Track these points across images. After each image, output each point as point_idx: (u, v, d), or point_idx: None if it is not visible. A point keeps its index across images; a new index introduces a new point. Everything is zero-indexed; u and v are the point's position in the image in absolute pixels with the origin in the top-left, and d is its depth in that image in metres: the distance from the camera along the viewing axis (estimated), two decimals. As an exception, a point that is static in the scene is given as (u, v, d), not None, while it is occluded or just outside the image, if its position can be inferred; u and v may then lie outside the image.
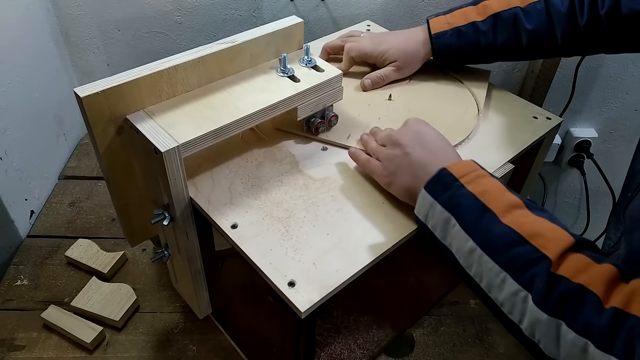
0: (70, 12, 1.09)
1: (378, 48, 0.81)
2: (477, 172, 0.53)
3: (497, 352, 0.80)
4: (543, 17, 0.72)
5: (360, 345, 0.77)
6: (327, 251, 0.55)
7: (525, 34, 0.73)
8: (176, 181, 0.56)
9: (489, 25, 0.75)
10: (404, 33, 0.82)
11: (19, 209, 0.95)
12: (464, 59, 0.81)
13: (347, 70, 0.83)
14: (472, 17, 0.76)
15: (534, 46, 0.75)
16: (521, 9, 0.73)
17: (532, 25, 0.73)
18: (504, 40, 0.75)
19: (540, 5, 0.72)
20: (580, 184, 1.44)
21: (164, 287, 0.86)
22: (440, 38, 0.77)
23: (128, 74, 0.57)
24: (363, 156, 0.64)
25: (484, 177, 0.53)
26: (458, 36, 0.76)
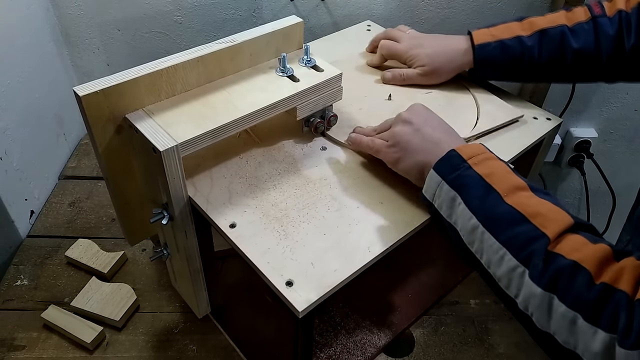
0: (70, 12, 1.09)
1: (410, 51, 0.80)
2: (485, 155, 0.55)
3: (497, 352, 0.79)
4: (591, 37, 0.71)
5: (359, 346, 0.77)
6: (325, 251, 0.55)
7: (571, 52, 0.72)
8: (175, 180, 0.56)
9: (534, 40, 0.73)
10: (444, 40, 0.80)
11: (19, 209, 0.95)
12: (504, 73, 0.78)
13: (377, 65, 0.84)
14: (518, 32, 0.74)
15: (578, 66, 0.73)
16: (568, 28, 0.72)
17: (579, 45, 0.71)
18: (548, 57, 0.73)
19: (589, 26, 0.71)
20: (580, 184, 1.44)
21: (164, 287, 0.86)
22: (484, 49, 0.75)
23: (127, 73, 0.57)
24: (365, 138, 0.65)
25: (491, 160, 0.55)
26: (502, 49, 0.74)
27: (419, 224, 0.59)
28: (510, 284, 0.48)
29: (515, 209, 0.49)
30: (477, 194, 0.52)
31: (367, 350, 0.77)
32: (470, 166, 0.54)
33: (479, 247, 0.51)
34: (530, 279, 0.46)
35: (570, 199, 1.50)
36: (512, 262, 0.47)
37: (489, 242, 0.50)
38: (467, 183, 0.53)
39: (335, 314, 0.81)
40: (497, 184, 0.52)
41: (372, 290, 0.85)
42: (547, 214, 0.48)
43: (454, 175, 0.54)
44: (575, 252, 0.45)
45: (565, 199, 1.50)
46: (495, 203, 0.50)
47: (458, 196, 0.53)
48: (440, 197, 0.55)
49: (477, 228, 0.51)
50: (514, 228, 0.48)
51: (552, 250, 0.45)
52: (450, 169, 0.55)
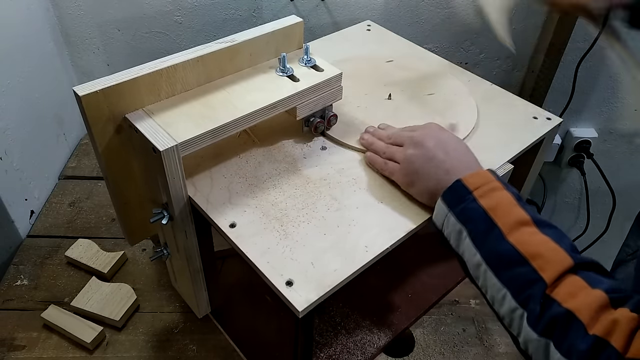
0: (70, 12, 1.09)
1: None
2: (490, 185, 0.54)
3: (497, 352, 0.79)
4: None
5: (359, 346, 0.77)
6: (325, 250, 0.55)
7: None
8: (175, 180, 0.56)
9: None
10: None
11: (19, 209, 0.95)
12: None
13: None
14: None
15: None
16: None
17: None
18: None
19: None
20: (580, 184, 1.44)
21: (164, 287, 0.86)
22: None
23: (127, 72, 0.57)
24: (380, 159, 0.64)
25: (496, 190, 0.54)
26: None
27: (419, 224, 0.59)
28: (512, 324, 0.49)
29: (516, 248, 0.49)
30: (481, 229, 0.52)
31: (367, 350, 0.77)
32: (475, 199, 0.53)
33: (483, 283, 0.52)
34: (527, 324, 0.47)
35: (570, 199, 1.50)
36: (512, 303, 0.48)
37: (491, 280, 0.51)
38: (471, 217, 0.53)
39: (335, 314, 0.81)
40: (500, 219, 0.51)
41: (372, 290, 0.85)
42: (546, 255, 0.48)
43: (460, 208, 0.54)
44: (571, 299, 0.45)
45: (565, 199, 1.50)
46: (497, 240, 0.51)
47: (464, 230, 0.53)
48: (448, 227, 0.56)
49: (480, 265, 0.52)
50: (514, 269, 0.49)
51: (549, 295, 0.46)
52: (456, 201, 0.54)
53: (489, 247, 0.51)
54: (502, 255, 0.50)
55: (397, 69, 0.86)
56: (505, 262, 0.50)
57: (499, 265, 0.50)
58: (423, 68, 0.86)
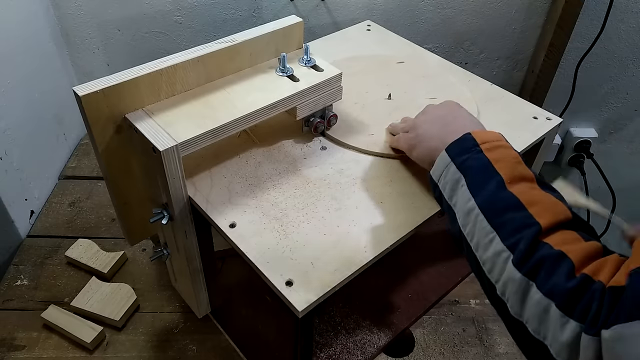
0: (70, 12, 1.09)
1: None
2: (499, 142, 0.54)
3: (497, 352, 0.79)
4: None
5: (359, 346, 0.77)
6: (325, 251, 0.55)
7: None
8: (175, 180, 0.56)
9: None
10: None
11: (19, 209, 0.95)
12: None
13: None
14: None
15: None
16: None
17: None
18: None
19: None
20: (580, 184, 1.44)
21: (164, 287, 0.86)
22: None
23: (127, 73, 0.57)
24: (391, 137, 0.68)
25: (504, 148, 0.54)
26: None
27: (419, 224, 0.59)
28: (494, 268, 0.47)
29: (515, 195, 0.48)
30: (481, 178, 0.51)
31: (367, 350, 0.77)
32: (481, 150, 0.53)
33: (471, 229, 0.50)
34: (512, 264, 0.45)
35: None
36: (499, 246, 0.46)
37: (481, 224, 0.49)
38: (473, 166, 0.52)
39: (335, 314, 0.81)
40: (503, 170, 0.51)
41: (372, 290, 0.85)
42: (545, 204, 0.47)
43: (464, 158, 0.53)
44: (564, 245, 0.44)
45: (566, 199, 1.50)
46: (497, 188, 0.49)
47: (463, 178, 0.52)
48: (445, 177, 0.55)
49: (473, 210, 0.50)
50: (509, 213, 0.47)
51: (540, 240, 0.45)
52: (460, 151, 0.54)
53: (486, 194, 0.50)
54: (499, 201, 0.49)
55: (399, 69, 0.86)
56: (500, 207, 0.48)
57: (493, 209, 0.49)
58: (425, 69, 0.86)
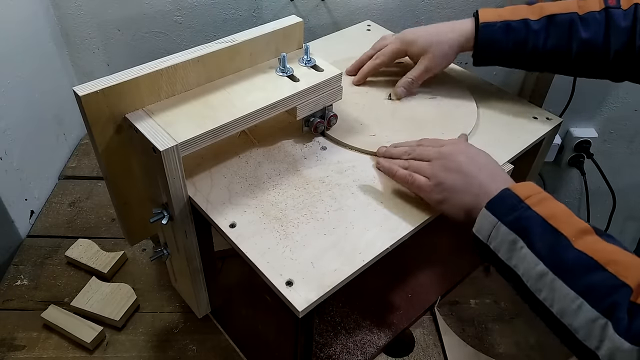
0: (70, 12, 1.09)
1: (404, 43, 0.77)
2: (541, 195, 0.52)
3: (497, 352, 0.79)
4: (601, 28, 0.67)
5: (359, 346, 0.77)
6: (325, 251, 0.55)
7: (578, 42, 0.68)
8: (175, 180, 0.56)
9: (541, 25, 0.70)
10: (437, 25, 0.77)
11: (19, 209, 0.95)
12: (506, 58, 0.74)
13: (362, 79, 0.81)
14: (525, 15, 0.71)
15: (583, 57, 0.69)
16: (579, 16, 0.68)
17: (587, 35, 0.68)
18: (553, 45, 0.70)
19: (600, 16, 0.67)
20: (580, 184, 1.44)
21: (164, 287, 0.86)
22: (488, 28, 0.71)
23: (127, 72, 0.57)
24: (402, 171, 0.62)
25: (549, 200, 0.52)
26: (507, 31, 0.71)
27: (419, 224, 0.59)
28: (590, 336, 0.45)
29: (588, 255, 0.46)
30: (543, 238, 0.49)
31: (367, 350, 0.77)
32: (529, 206, 0.51)
33: (548, 295, 0.48)
34: (615, 333, 0.43)
35: (570, 199, 1.50)
36: (592, 313, 0.44)
37: (562, 291, 0.47)
38: (529, 225, 0.50)
39: (335, 314, 0.81)
40: (562, 227, 0.49)
41: (372, 290, 0.85)
42: (622, 261, 0.45)
43: (514, 217, 0.51)
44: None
45: (565, 199, 1.50)
46: (565, 248, 0.47)
47: (519, 239, 0.50)
48: (497, 238, 0.52)
49: (545, 275, 0.48)
50: (589, 276, 0.45)
51: (636, 302, 0.43)
52: (507, 210, 0.52)
53: (555, 256, 0.48)
54: (574, 263, 0.47)
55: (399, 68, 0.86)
56: (578, 270, 0.46)
57: (570, 273, 0.46)
58: None
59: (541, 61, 0.72)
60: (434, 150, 0.61)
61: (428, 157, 0.61)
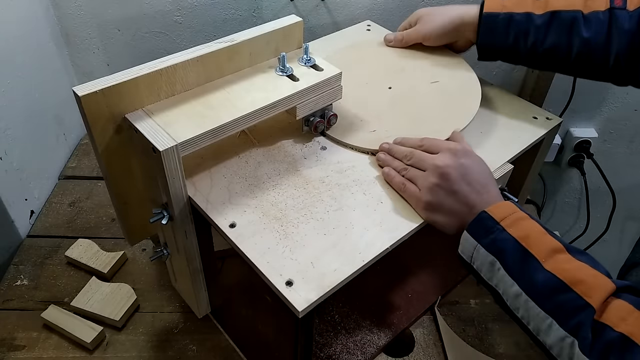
0: (70, 12, 1.09)
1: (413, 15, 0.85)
2: (516, 215, 0.54)
3: (497, 352, 0.79)
4: (603, 28, 0.67)
5: (359, 346, 0.77)
6: (325, 250, 0.55)
7: (579, 41, 0.68)
8: (174, 180, 0.56)
9: (544, 20, 0.69)
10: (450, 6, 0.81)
11: (19, 209, 0.95)
12: (506, 50, 0.74)
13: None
14: (530, 8, 0.71)
15: (583, 57, 0.69)
16: (583, 15, 0.68)
17: (589, 34, 0.67)
18: (553, 42, 0.69)
19: (604, 16, 0.67)
20: (580, 184, 1.44)
21: (164, 287, 0.86)
22: (491, 18, 0.72)
23: (127, 72, 0.57)
24: (398, 179, 0.62)
25: (523, 220, 0.54)
26: (509, 23, 0.71)
27: (419, 224, 0.59)
28: (562, 353, 0.48)
29: (557, 276, 0.49)
30: (515, 259, 0.52)
31: (367, 350, 0.77)
32: (503, 228, 0.53)
33: (524, 314, 0.51)
34: (580, 352, 0.46)
35: (570, 199, 1.50)
36: (561, 332, 0.48)
37: (534, 310, 0.50)
38: (504, 248, 0.53)
39: (335, 314, 0.81)
40: (533, 248, 0.51)
41: (372, 290, 0.85)
42: (588, 280, 0.48)
43: (490, 239, 0.54)
44: (622, 323, 0.45)
45: (565, 199, 1.50)
46: (535, 269, 0.50)
47: (497, 261, 0.53)
48: (478, 259, 0.55)
49: (520, 295, 0.51)
50: (558, 296, 0.48)
51: (599, 320, 0.46)
52: (484, 232, 0.55)
53: (527, 277, 0.51)
54: (543, 284, 0.49)
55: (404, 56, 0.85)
56: (547, 291, 0.49)
57: (540, 294, 0.50)
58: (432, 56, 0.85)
59: (541, 58, 0.72)
60: (430, 163, 0.61)
61: (424, 167, 0.61)
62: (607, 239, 1.43)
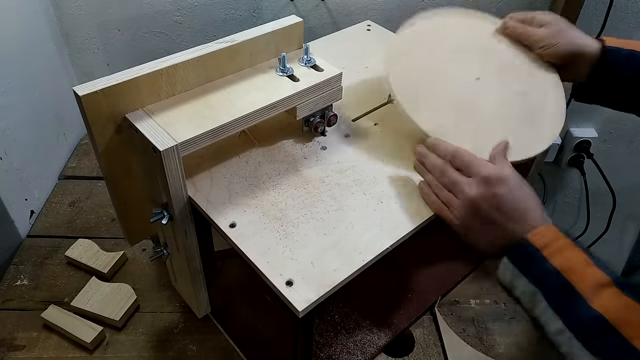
0: (70, 12, 1.09)
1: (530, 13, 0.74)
2: (559, 243, 0.51)
3: (497, 352, 0.79)
4: None
5: (359, 346, 0.77)
6: (325, 250, 0.55)
7: None
8: (175, 180, 0.56)
9: None
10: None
11: (19, 209, 0.95)
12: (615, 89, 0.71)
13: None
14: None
15: None
16: None
17: None
18: None
19: None
20: (580, 184, 1.44)
21: (164, 287, 0.86)
22: (614, 53, 0.68)
23: (127, 72, 0.57)
24: (433, 198, 0.60)
25: (567, 249, 0.51)
26: (630, 58, 0.67)
27: (419, 224, 0.59)
28: None
29: (603, 315, 0.46)
30: (559, 294, 0.49)
31: (367, 350, 0.77)
32: (545, 258, 0.50)
33: (568, 350, 0.49)
34: None
35: (570, 199, 1.50)
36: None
37: (579, 349, 0.47)
38: (546, 279, 0.50)
39: (335, 314, 0.81)
40: (579, 283, 0.49)
41: (372, 290, 0.85)
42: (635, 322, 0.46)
43: (531, 269, 0.51)
44: None
45: (565, 199, 1.50)
46: (581, 307, 0.48)
47: (539, 292, 0.51)
48: (519, 288, 0.53)
49: (564, 331, 0.49)
50: (604, 338, 0.46)
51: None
52: (525, 260, 0.52)
53: (571, 314, 0.48)
54: (589, 324, 0.47)
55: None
56: (593, 331, 0.47)
57: (586, 334, 0.47)
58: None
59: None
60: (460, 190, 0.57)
61: (454, 193, 0.58)
62: (607, 239, 1.43)
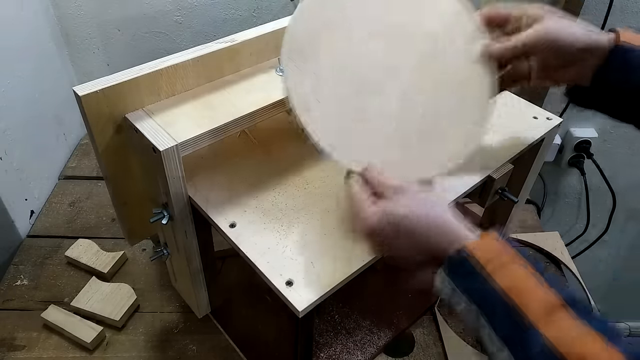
0: (70, 12, 1.09)
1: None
2: (501, 256, 0.45)
3: (497, 352, 0.79)
4: None
5: (359, 346, 0.77)
6: (325, 251, 0.55)
7: None
8: (175, 180, 0.56)
9: None
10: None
11: (19, 209, 0.95)
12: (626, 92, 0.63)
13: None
14: None
15: None
16: None
17: None
18: None
19: None
20: (580, 184, 1.44)
21: (164, 287, 0.86)
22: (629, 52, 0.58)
23: (127, 72, 0.57)
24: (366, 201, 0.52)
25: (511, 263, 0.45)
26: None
27: (419, 224, 0.59)
28: None
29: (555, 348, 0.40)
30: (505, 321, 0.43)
31: (367, 350, 0.77)
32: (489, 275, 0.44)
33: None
34: None
35: (570, 199, 1.50)
36: None
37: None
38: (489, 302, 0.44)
39: (335, 314, 0.81)
40: (526, 306, 0.42)
41: (372, 290, 0.85)
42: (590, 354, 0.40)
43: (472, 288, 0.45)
44: None
45: (565, 199, 1.50)
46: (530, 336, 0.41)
47: (481, 315, 0.44)
48: (460, 305, 0.46)
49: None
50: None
51: None
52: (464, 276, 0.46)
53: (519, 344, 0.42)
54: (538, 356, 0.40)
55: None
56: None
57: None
58: None
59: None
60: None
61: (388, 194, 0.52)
62: (607, 239, 1.43)
